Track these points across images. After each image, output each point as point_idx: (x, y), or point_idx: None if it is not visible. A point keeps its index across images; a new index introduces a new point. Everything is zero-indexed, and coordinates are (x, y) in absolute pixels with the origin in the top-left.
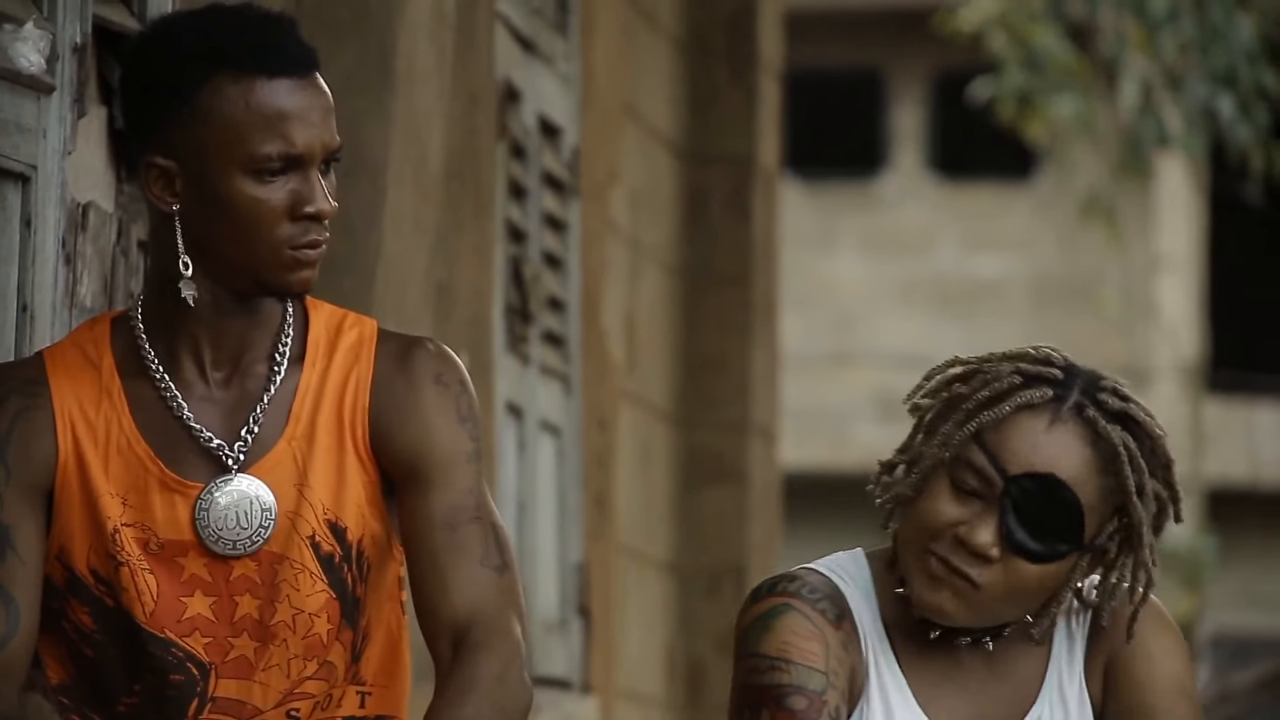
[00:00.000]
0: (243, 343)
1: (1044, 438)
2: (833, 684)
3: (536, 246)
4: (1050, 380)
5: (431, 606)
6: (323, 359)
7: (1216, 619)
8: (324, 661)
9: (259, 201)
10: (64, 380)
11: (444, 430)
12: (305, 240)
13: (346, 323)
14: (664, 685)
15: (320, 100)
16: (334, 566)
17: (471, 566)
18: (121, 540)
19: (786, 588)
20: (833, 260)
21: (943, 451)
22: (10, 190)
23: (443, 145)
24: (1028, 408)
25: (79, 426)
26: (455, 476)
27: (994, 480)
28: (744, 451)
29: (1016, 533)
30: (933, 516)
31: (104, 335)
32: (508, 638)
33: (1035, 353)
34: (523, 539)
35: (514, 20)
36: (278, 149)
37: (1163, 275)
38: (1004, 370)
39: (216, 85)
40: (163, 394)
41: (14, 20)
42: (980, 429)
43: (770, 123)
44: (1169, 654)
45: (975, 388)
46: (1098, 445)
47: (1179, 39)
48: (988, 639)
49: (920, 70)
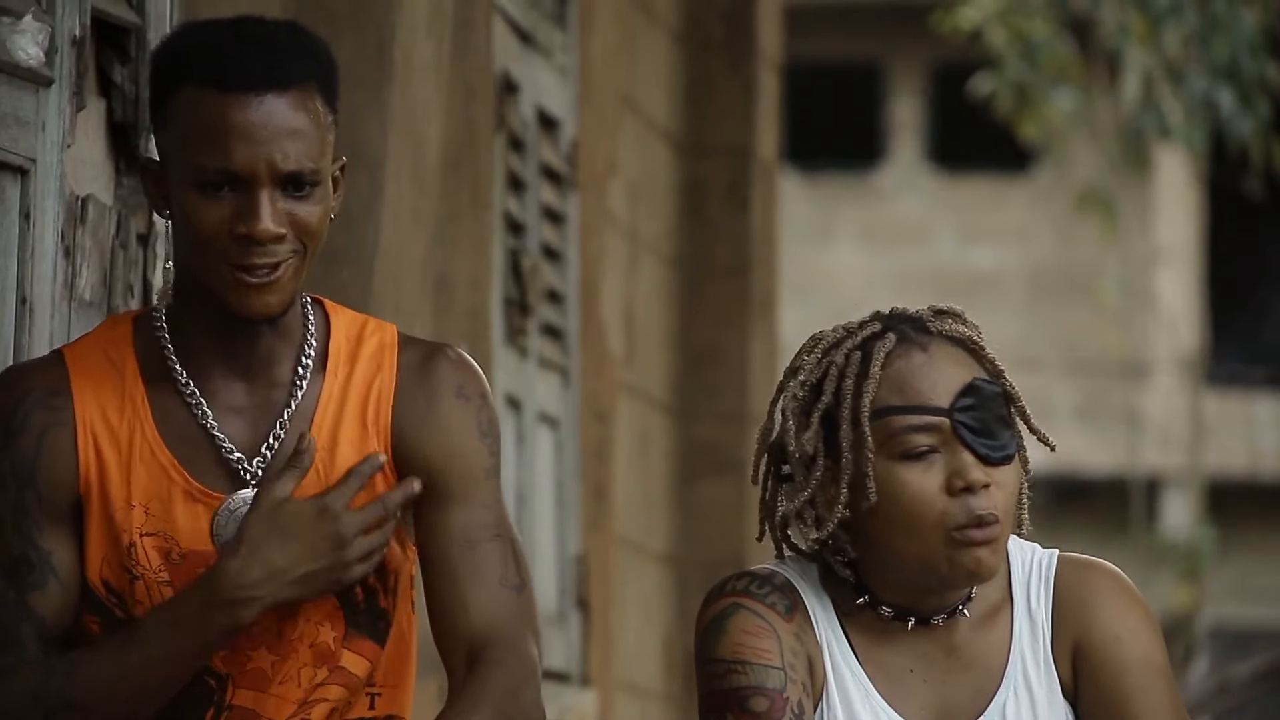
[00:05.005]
0: (266, 352)
1: (931, 362)
2: (791, 678)
3: (535, 238)
4: (879, 327)
5: (449, 624)
6: (344, 368)
7: (1215, 611)
8: (336, 668)
9: (200, 214)
10: (86, 386)
11: (465, 446)
12: (245, 261)
13: (367, 329)
14: (662, 678)
15: (279, 120)
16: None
17: (490, 585)
18: (138, 553)
19: (735, 586)
20: (831, 252)
21: (864, 452)
22: (9, 183)
23: (441, 137)
24: (893, 355)
25: (101, 437)
26: (475, 492)
27: (940, 424)
28: (742, 443)
29: (984, 448)
30: (923, 502)
31: (126, 337)
32: (524, 657)
33: (834, 330)
34: (522, 531)
35: (512, 12)
36: (215, 164)
37: (1162, 267)
38: (838, 356)
39: (183, 95)
40: (187, 400)
41: (12, 13)
42: (878, 402)
43: (769, 115)
44: (1137, 634)
45: (832, 388)
46: (957, 345)
47: (1181, 30)
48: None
49: (919, 63)
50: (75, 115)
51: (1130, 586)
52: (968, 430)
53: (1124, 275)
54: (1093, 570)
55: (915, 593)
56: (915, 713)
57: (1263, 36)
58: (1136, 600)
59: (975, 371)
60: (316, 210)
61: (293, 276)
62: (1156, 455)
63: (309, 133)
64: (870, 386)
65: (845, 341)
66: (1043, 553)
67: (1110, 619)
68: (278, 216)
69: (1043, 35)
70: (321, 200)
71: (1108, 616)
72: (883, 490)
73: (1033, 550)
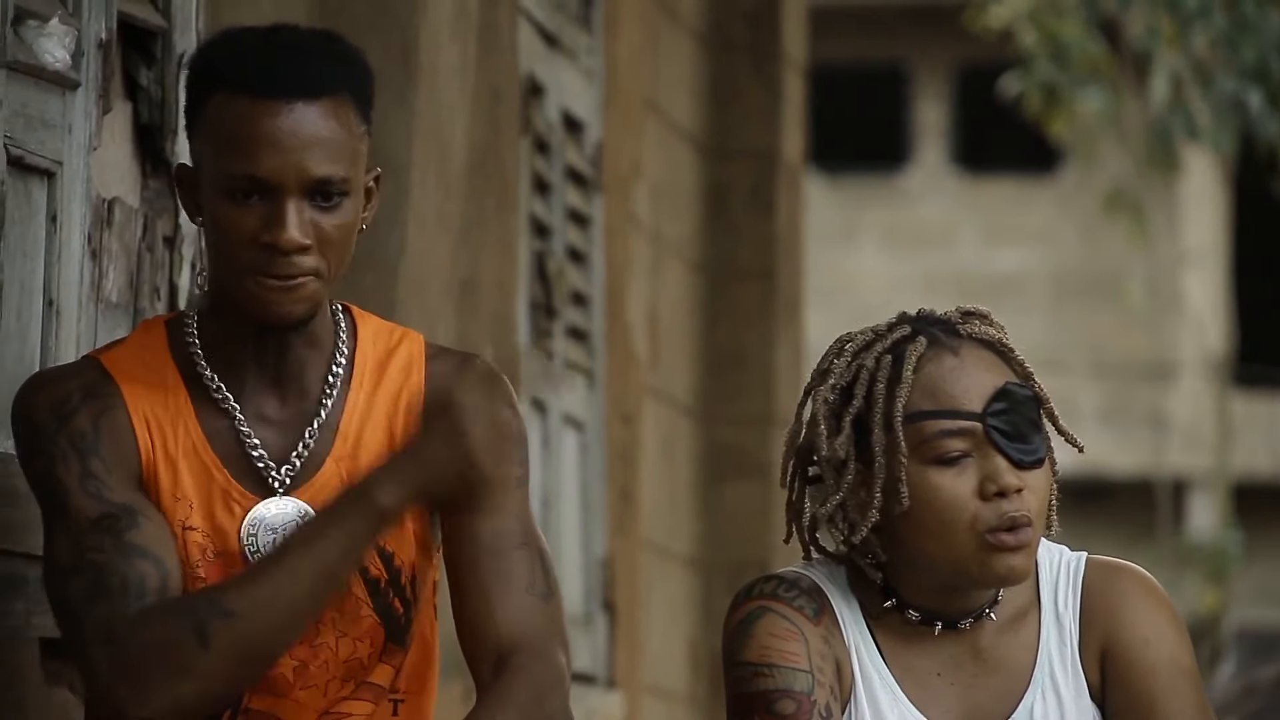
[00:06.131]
0: (297, 361)
1: (962, 366)
2: (819, 681)
3: (560, 241)
4: (908, 330)
5: (476, 632)
6: (371, 378)
7: (1241, 613)
8: (363, 683)
9: (229, 222)
10: (131, 384)
11: (492, 456)
12: (271, 269)
13: (394, 338)
14: (688, 680)
15: (309, 129)
16: (380, 591)
17: (518, 594)
18: (178, 544)
19: (763, 590)
20: (856, 254)
21: (896, 457)
22: (36, 186)
23: (466, 141)
24: (924, 359)
25: (153, 428)
26: (502, 502)
27: (973, 429)
28: (767, 446)
29: (1017, 452)
30: (956, 507)
31: (161, 343)
32: (550, 664)
33: (861, 333)
34: (547, 534)
35: (537, 15)
36: (243, 171)
37: (1189, 269)
38: (868, 360)
39: (215, 102)
40: (222, 406)
41: (39, 16)
42: (910, 407)
43: (794, 117)
44: (1164, 635)
45: (863, 392)
46: (986, 348)
47: (1209, 33)
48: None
49: (943, 65)
50: (101, 118)
51: (1158, 589)
52: (1000, 435)
53: (1151, 277)
54: (1121, 573)
55: (944, 595)
56: (942, 716)
57: None
58: (1164, 603)
59: (1006, 375)
60: (345, 222)
61: (318, 286)
62: (1182, 457)
63: (339, 142)
64: (903, 391)
65: (875, 345)
66: (1071, 555)
67: (1138, 621)
68: (304, 226)
69: (1073, 35)
70: (351, 212)
71: (1136, 619)
72: (915, 495)
73: (1060, 552)
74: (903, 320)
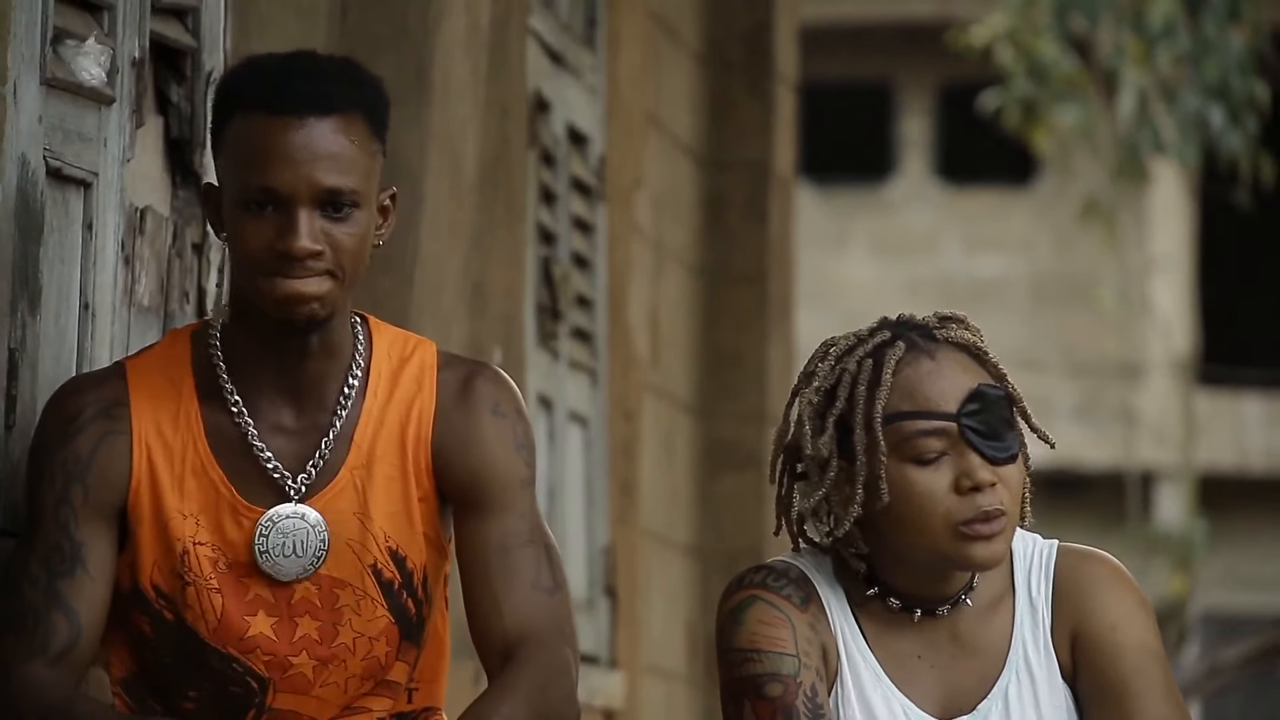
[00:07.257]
0: (315, 372)
1: (938, 369)
2: (805, 664)
3: (566, 248)
4: (888, 335)
5: (484, 626)
6: (385, 387)
7: (1206, 598)
8: (382, 681)
9: (246, 232)
10: (144, 400)
11: (501, 458)
12: (285, 272)
13: (408, 348)
14: (686, 661)
15: (319, 142)
16: (394, 593)
17: (524, 589)
18: (190, 560)
19: (752, 579)
20: (844, 260)
21: (877, 455)
22: (73, 196)
23: (477, 153)
24: (903, 363)
25: (155, 450)
26: (511, 502)
27: (948, 429)
28: (761, 441)
29: (990, 449)
30: (932, 502)
31: (184, 355)
32: (555, 655)
33: (844, 337)
34: (553, 524)
35: (544, 35)
36: (258, 182)
37: (1157, 275)
38: (850, 364)
39: (236, 121)
40: (236, 419)
41: (77, 36)
42: (889, 408)
43: (786, 131)
44: (1132, 620)
45: (845, 394)
46: (962, 351)
47: (1174, 52)
48: (946, 606)
49: (927, 82)
50: (135, 132)
51: (1126, 575)
52: (974, 433)
53: (1121, 282)
54: (1091, 560)
55: (924, 582)
56: (923, 696)
57: (1251, 57)
58: (1132, 588)
59: (980, 376)
60: (355, 232)
61: (331, 290)
62: (1151, 451)
63: (350, 156)
64: (882, 393)
65: (857, 349)
66: (1043, 543)
67: (1107, 606)
68: (315, 235)
69: (1050, 53)
70: (362, 224)
71: (1105, 604)
72: (894, 491)
73: (1034, 541)
74: (883, 325)
